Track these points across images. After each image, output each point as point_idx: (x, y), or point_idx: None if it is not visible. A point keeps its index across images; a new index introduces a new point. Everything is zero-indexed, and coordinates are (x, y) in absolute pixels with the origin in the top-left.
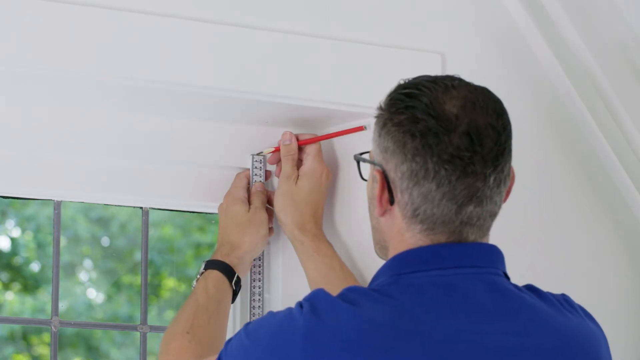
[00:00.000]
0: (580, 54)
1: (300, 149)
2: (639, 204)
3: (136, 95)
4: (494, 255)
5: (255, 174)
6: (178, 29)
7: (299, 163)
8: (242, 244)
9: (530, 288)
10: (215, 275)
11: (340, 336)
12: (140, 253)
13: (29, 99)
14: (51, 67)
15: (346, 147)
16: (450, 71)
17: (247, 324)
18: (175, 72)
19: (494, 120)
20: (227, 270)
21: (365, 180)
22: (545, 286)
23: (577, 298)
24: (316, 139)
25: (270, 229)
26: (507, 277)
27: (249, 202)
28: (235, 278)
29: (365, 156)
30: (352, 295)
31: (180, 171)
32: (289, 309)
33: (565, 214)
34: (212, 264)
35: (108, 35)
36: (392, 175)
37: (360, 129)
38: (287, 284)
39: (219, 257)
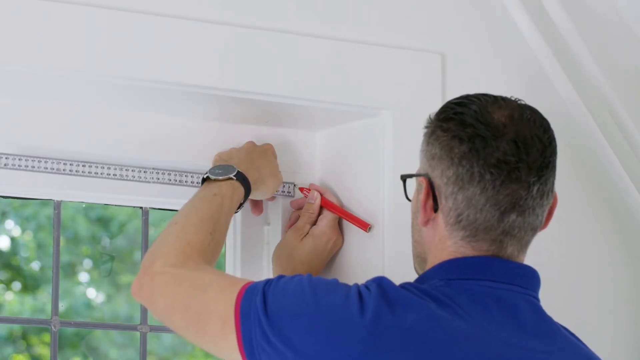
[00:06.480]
0: (580, 53)
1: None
2: (639, 204)
3: (136, 95)
4: (535, 280)
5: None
6: (178, 29)
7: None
8: (268, 189)
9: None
10: (241, 193)
11: (407, 330)
12: (140, 253)
13: (29, 98)
14: (52, 67)
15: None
16: (450, 71)
17: (308, 275)
18: (175, 72)
19: (540, 133)
20: (246, 198)
21: (410, 200)
22: (544, 286)
23: (577, 298)
24: (335, 210)
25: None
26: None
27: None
28: (241, 207)
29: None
30: (414, 290)
31: (180, 171)
32: (357, 289)
33: (564, 213)
34: (244, 181)
35: (108, 35)
36: (438, 181)
37: (366, 226)
38: None
39: (250, 180)
